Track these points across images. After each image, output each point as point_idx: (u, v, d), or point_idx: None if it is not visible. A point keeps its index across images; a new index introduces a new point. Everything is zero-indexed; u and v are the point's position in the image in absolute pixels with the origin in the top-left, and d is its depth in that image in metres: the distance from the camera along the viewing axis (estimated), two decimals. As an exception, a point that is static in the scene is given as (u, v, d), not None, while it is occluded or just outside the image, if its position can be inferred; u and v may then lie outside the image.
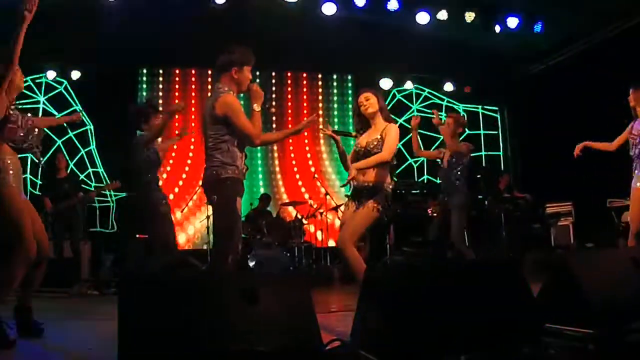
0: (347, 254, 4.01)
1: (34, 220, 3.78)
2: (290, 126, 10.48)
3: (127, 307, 2.16)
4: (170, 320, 2.19)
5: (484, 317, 2.64)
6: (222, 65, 3.92)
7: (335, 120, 10.91)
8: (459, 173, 6.23)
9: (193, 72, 10.38)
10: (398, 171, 10.66)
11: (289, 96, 10.76)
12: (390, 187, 4.23)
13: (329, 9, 8.71)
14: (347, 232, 4.10)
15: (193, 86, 10.40)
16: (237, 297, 2.33)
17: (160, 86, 10.27)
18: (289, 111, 10.64)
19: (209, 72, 10.27)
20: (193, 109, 10.28)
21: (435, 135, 9.20)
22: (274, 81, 10.69)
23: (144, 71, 10.15)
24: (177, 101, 10.03)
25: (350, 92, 11.08)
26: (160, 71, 10.26)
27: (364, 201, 4.13)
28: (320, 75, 10.93)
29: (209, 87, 10.25)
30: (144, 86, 10.15)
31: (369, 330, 2.59)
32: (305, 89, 10.88)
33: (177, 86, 10.32)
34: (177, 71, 10.32)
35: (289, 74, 10.78)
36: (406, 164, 10.69)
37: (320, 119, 10.30)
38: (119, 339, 2.09)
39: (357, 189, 4.23)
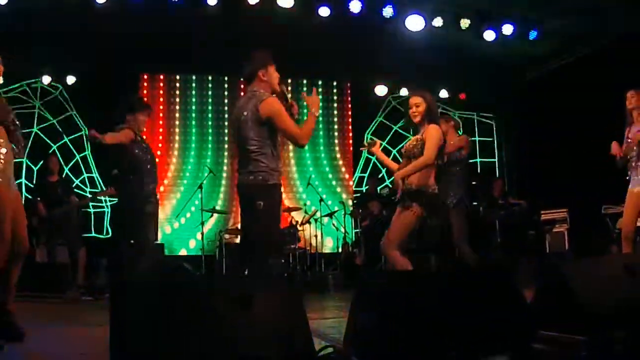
0: (390, 259, 4.27)
1: (18, 216, 3.73)
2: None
3: (118, 313, 2.16)
4: (162, 326, 2.18)
5: (477, 323, 2.64)
6: (249, 75, 4.02)
7: (336, 127, 10.91)
8: (457, 168, 6.21)
9: (194, 77, 10.38)
10: (392, 179, 10.66)
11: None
12: (434, 189, 4.37)
13: (323, 14, 8.67)
14: (388, 237, 4.31)
15: (193, 92, 10.39)
16: (229, 304, 2.33)
17: (161, 92, 10.25)
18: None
19: (209, 77, 10.44)
20: (194, 115, 10.31)
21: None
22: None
23: (139, 76, 10.10)
24: (177, 107, 10.14)
25: (350, 98, 11.07)
26: (161, 77, 10.23)
27: (407, 205, 4.32)
28: (320, 82, 10.87)
29: (209, 92, 10.44)
30: (143, 92, 10.10)
31: (362, 336, 2.59)
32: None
33: (177, 92, 10.31)
34: (177, 77, 10.30)
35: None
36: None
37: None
38: (110, 345, 2.09)
39: (402, 192, 4.40)
